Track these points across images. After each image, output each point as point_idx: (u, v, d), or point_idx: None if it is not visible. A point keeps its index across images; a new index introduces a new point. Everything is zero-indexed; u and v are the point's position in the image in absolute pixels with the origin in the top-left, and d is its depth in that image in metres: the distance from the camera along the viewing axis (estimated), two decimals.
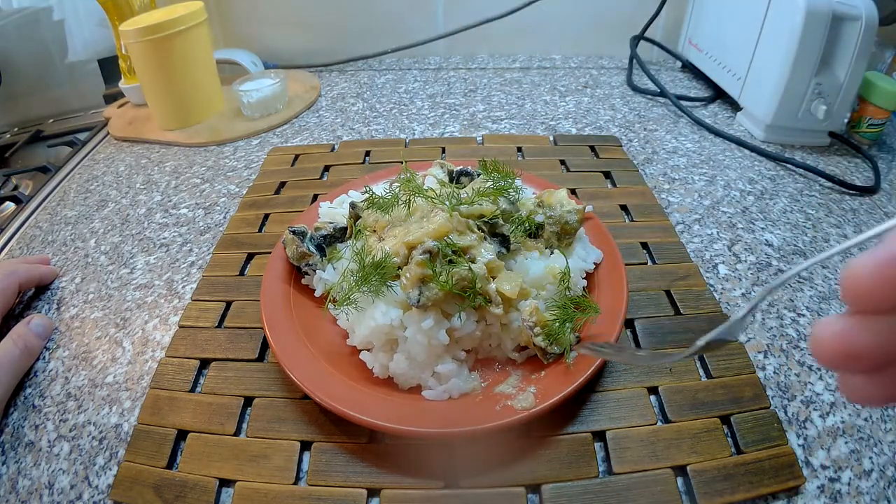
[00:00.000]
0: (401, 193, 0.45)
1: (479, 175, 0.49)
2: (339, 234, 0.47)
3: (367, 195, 0.46)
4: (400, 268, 0.39)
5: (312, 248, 0.45)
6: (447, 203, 0.42)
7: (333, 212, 0.51)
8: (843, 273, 0.16)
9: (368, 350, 0.40)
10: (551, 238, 0.44)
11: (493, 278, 0.39)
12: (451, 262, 0.38)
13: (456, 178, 0.50)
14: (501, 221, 0.42)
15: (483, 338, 0.39)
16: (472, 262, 0.39)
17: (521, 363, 0.40)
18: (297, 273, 0.47)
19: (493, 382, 0.38)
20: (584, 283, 0.44)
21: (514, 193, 0.45)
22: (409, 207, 0.43)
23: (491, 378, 0.39)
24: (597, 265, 0.45)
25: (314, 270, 0.45)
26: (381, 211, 0.44)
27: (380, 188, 0.48)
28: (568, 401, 0.37)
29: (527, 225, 0.44)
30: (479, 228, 0.41)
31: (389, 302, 0.38)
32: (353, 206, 0.47)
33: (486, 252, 0.40)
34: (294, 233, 0.46)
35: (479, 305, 0.37)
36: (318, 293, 0.45)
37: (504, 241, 0.42)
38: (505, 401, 0.35)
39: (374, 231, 0.44)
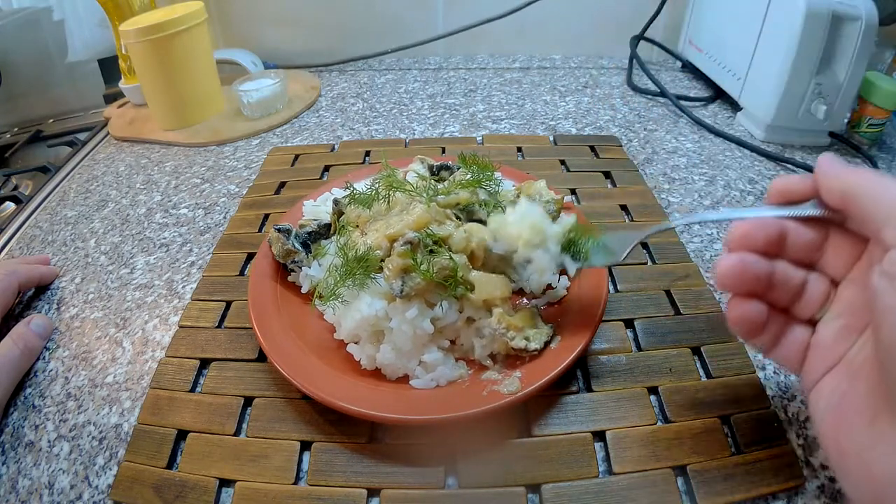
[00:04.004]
0: (380, 188, 0.45)
1: (458, 168, 0.49)
2: (324, 231, 0.47)
3: (348, 191, 0.47)
4: (383, 260, 0.40)
5: (298, 246, 0.46)
6: (425, 195, 0.43)
7: (317, 209, 0.51)
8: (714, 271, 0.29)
9: (356, 343, 0.40)
10: None
11: (475, 268, 0.40)
12: (431, 251, 0.39)
13: (436, 172, 0.51)
14: (477, 207, 0.43)
15: (462, 327, 0.40)
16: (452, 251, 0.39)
17: (504, 356, 0.40)
18: (283, 271, 0.47)
19: (480, 369, 0.39)
20: (563, 280, 0.44)
21: (493, 185, 0.46)
22: (388, 201, 0.44)
23: (476, 365, 0.39)
24: None
25: (300, 267, 0.46)
26: (362, 206, 0.45)
27: (362, 185, 0.49)
28: (563, 396, 0.38)
29: (503, 208, 0.44)
30: (457, 217, 0.42)
31: (374, 294, 0.39)
32: (335, 202, 0.48)
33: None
34: (279, 231, 0.46)
35: (461, 295, 0.38)
36: (304, 290, 0.45)
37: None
38: (491, 386, 0.36)
39: (357, 226, 0.45)
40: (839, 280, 0.29)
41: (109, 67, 0.94)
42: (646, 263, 0.49)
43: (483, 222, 0.42)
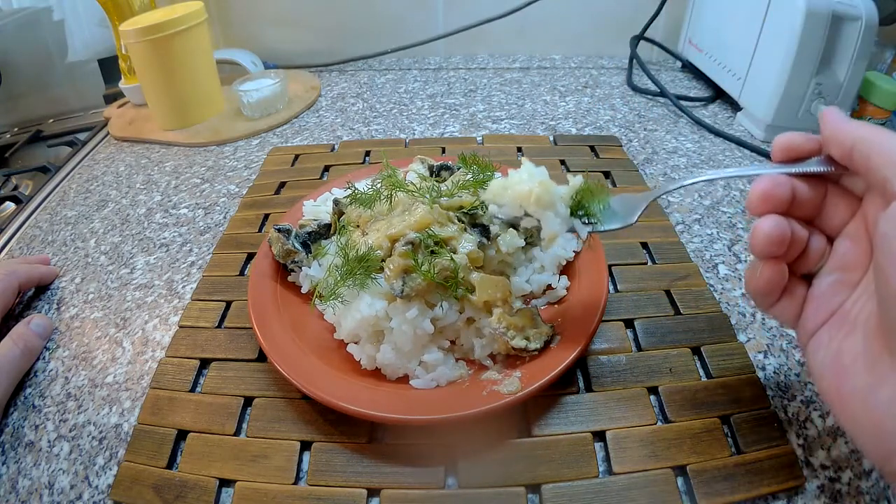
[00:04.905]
0: (382, 188, 0.45)
1: (458, 169, 0.49)
2: (324, 231, 0.47)
3: (349, 191, 0.47)
4: (383, 260, 0.39)
5: (298, 246, 0.46)
6: (428, 196, 0.43)
7: (317, 209, 0.51)
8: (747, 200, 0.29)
9: (356, 343, 0.40)
10: (531, 227, 0.44)
11: (479, 268, 0.40)
12: (433, 252, 0.39)
13: (436, 172, 0.51)
14: (481, 212, 0.42)
15: (462, 328, 0.40)
16: (454, 252, 0.39)
17: (504, 356, 0.40)
18: (283, 271, 0.47)
19: (480, 369, 0.39)
20: (563, 279, 0.44)
21: None
22: (390, 202, 0.44)
23: (476, 365, 0.39)
24: (576, 253, 0.45)
25: (300, 267, 0.45)
26: (363, 206, 0.45)
27: (362, 184, 0.49)
28: (563, 396, 0.38)
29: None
30: (460, 220, 0.42)
31: (374, 294, 0.39)
32: (336, 202, 0.48)
33: (467, 242, 0.40)
34: (279, 231, 0.46)
35: (462, 296, 0.38)
36: (304, 290, 0.45)
37: (484, 231, 0.42)
38: (491, 386, 0.36)
39: (358, 226, 0.45)
40: (834, 236, 0.30)
41: (109, 67, 0.94)
42: (646, 263, 0.49)
43: (486, 227, 0.42)
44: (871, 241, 0.27)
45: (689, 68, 0.88)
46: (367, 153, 0.68)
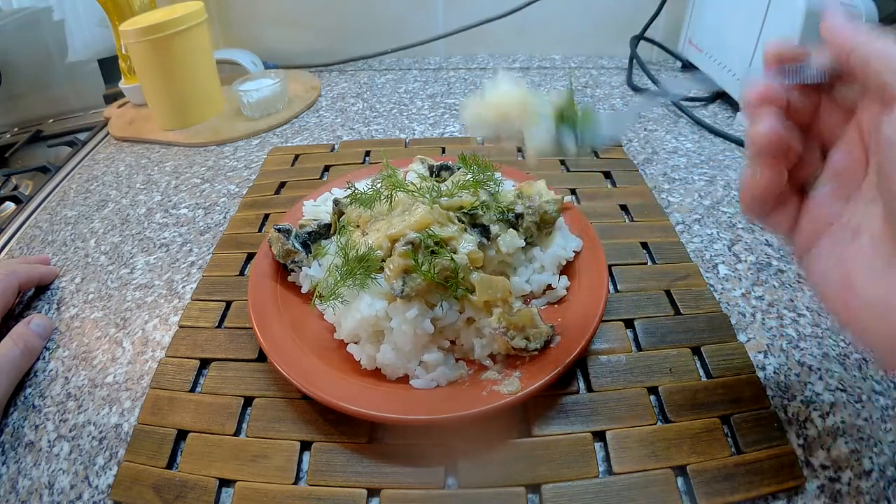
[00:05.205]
0: (382, 188, 0.45)
1: (458, 169, 0.49)
2: (324, 231, 0.47)
3: (349, 191, 0.47)
4: (383, 260, 0.40)
5: (298, 246, 0.46)
6: (428, 196, 0.43)
7: (317, 209, 0.52)
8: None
9: (356, 343, 0.40)
10: (531, 228, 0.44)
11: (479, 268, 0.40)
12: (433, 252, 0.39)
13: (436, 172, 0.51)
14: (481, 212, 0.42)
15: (462, 328, 0.40)
16: (454, 252, 0.39)
17: (504, 356, 0.40)
18: (283, 271, 0.47)
19: (480, 369, 0.39)
20: (563, 279, 0.44)
21: (493, 185, 0.46)
22: (390, 202, 0.44)
23: (476, 365, 0.39)
24: (576, 253, 0.45)
25: (300, 267, 0.46)
26: (363, 206, 0.45)
27: (362, 184, 0.49)
28: (563, 396, 0.37)
29: (505, 212, 0.44)
30: (460, 220, 0.42)
31: (374, 294, 0.39)
32: (336, 202, 0.48)
33: (468, 243, 0.40)
34: (279, 231, 0.46)
35: (462, 296, 0.38)
36: (304, 290, 0.45)
37: (484, 231, 0.42)
38: (491, 386, 0.36)
39: (358, 226, 0.45)
40: (828, 149, 0.30)
41: (109, 67, 0.95)
42: (646, 263, 0.49)
43: (486, 227, 0.42)
44: (867, 149, 0.27)
45: (689, 68, 0.88)
46: (367, 153, 0.68)
